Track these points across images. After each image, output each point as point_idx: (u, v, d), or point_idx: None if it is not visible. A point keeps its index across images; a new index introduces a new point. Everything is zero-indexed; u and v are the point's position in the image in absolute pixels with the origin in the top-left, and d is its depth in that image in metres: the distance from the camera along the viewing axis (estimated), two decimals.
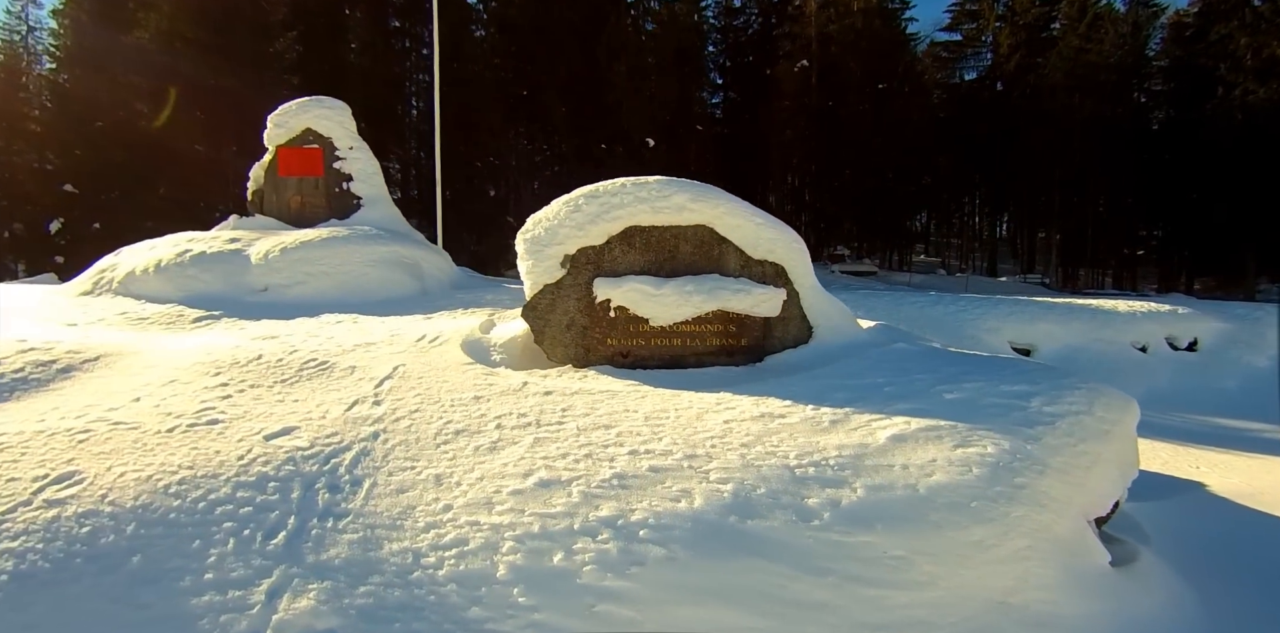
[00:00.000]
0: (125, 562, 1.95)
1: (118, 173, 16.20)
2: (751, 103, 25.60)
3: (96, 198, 16.10)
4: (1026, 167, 21.77)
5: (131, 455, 2.42)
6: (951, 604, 2.13)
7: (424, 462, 2.39)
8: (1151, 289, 21.00)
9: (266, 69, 16.80)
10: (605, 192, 3.31)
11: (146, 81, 16.21)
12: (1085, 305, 9.52)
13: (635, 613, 1.91)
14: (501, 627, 1.85)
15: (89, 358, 3.41)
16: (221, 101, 16.19)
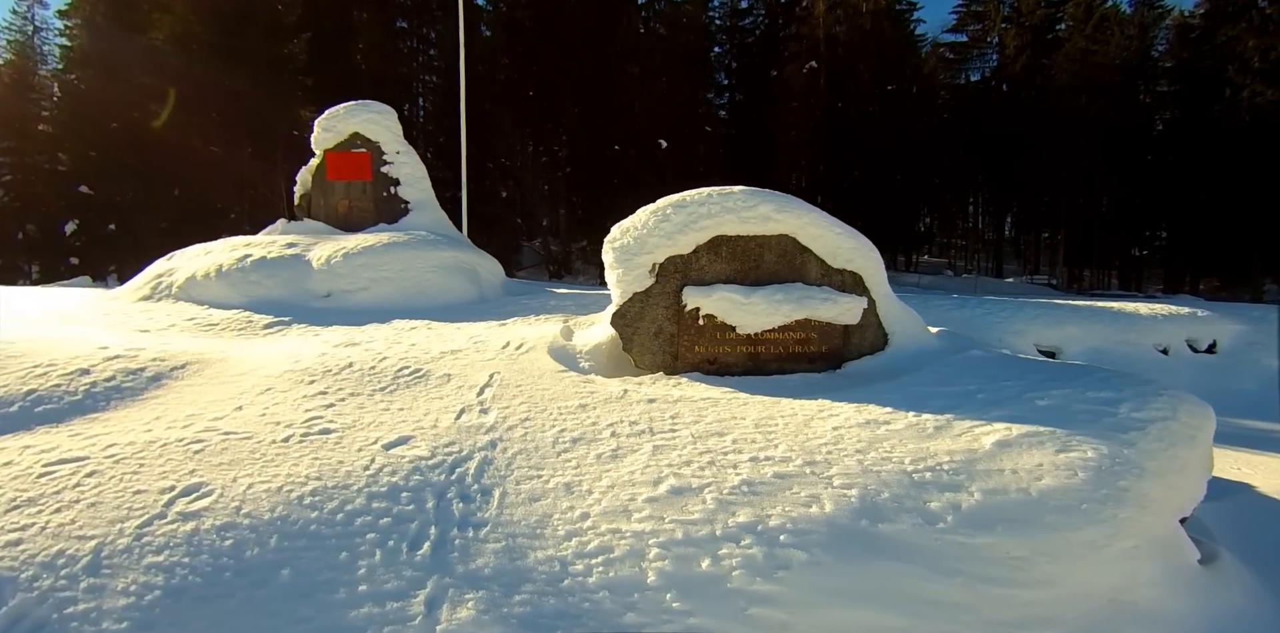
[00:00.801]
0: (275, 575, 1.96)
1: (132, 174, 16.14)
2: (758, 104, 25.68)
3: (111, 199, 16.04)
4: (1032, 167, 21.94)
5: (254, 466, 2.45)
6: (1070, 602, 2.22)
7: (549, 470, 2.44)
8: (1156, 290, 21.21)
9: (281, 71, 16.76)
10: (692, 201, 3.37)
11: (160, 83, 16.15)
12: (1107, 308, 9.64)
13: (787, 616, 1.97)
14: (659, 631, 1.91)
15: (176, 365, 3.44)
16: (236, 103, 16.17)
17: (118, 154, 15.99)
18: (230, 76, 15.91)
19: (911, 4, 24.33)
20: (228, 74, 15.91)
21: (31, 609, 1.83)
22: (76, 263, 16.09)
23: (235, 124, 16.12)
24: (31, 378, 3.18)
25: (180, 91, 16.00)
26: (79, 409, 2.96)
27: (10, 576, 1.92)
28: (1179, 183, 18.66)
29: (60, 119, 16.75)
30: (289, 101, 17.04)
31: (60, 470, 2.41)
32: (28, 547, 2.03)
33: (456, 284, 5.09)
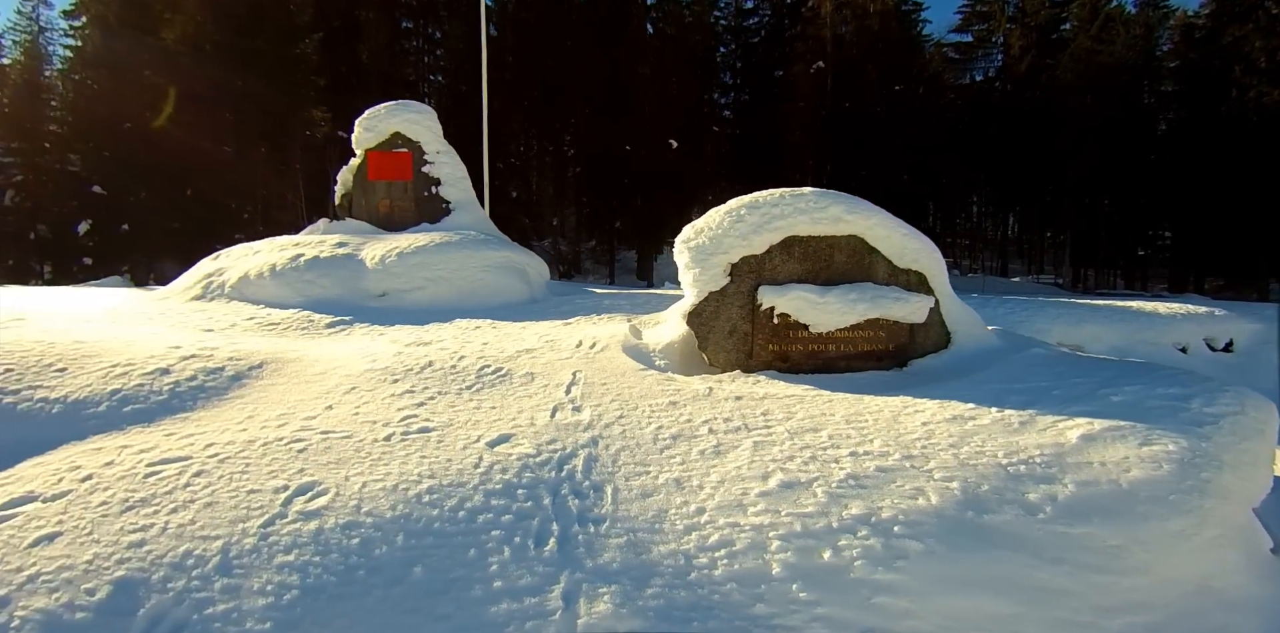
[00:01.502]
0: (408, 573, 1.98)
1: (144, 174, 16.09)
2: (764, 103, 25.77)
3: (124, 199, 15.98)
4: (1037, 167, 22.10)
5: (362, 465, 2.47)
6: (1163, 588, 2.30)
7: (655, 467, 2.49)
8: (1160, 289, 21.40)
9: (294, 71, 16.72)
10: (765, 202, 3.43)
11: (173, 83, 16.10)
12: (1126, 308, 9.75)
13: (909, 604, 2.04)
14: (788, 621, 1.96)
15: (253, 364, 3.46)
16: (249, 103, 16.13)
17: (130, 154, 15.94)
18: (243, 76, 15.88)
19: (917, 4, 24.45)
20: (240, 74, 15.89)
21: (169, 610, 1.84)
22: (90, 263, 16.03)
23: (248, 124, 16.09)
24: (113, 378, 3.20)
25: (193, 91, 15.95)
26: (167, 409, 2.97)
27: (141, 577, 1.93)
28: (1184, 183, 18.84)
29: (73, 119, 16.67)
30: (301, 102, 17.01)
31: (166, 471, 2.42)
32: (153, 548, 2.04)
33: (509, 284, 5.11)
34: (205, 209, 16.07)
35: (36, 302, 4.93)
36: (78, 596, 1.86)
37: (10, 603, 1.83)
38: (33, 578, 1.91)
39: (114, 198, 15.89)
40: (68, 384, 3.12)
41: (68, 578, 1.92)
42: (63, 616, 1.79)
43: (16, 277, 16.25)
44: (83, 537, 2.08)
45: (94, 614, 1.80)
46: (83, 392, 3.05)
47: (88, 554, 2.01)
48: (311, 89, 17.53)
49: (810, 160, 24.48)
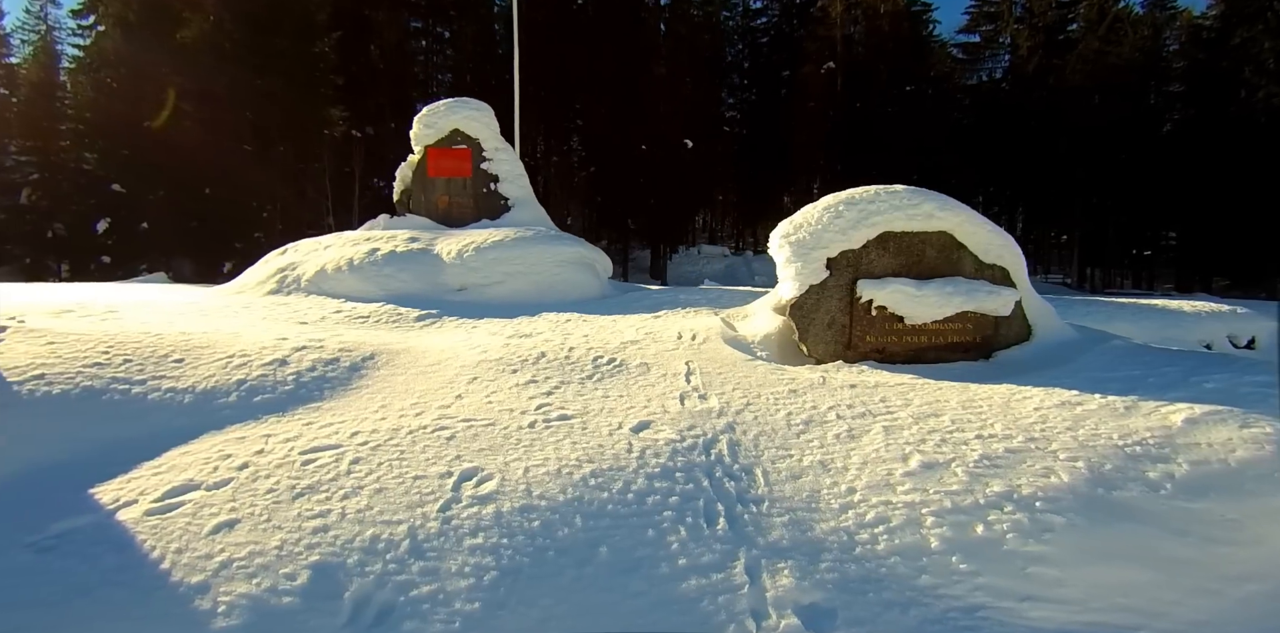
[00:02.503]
0: (594, 553, 2.04)
1: (163, 173, 16.07)
2: (772, 104, 25.91)
3: (143, 198, 15.96)
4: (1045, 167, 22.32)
5: (516, 451, 2.51)
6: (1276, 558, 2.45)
7: (796, 450, 2.59)
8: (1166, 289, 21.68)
9: (312, 69, 16.72)
10: (862, 199, 3.54)
11: (192, 82, 16.08)
12: (1150, 306, 9.95)
13: (1060, 573, 2.16)
14: (953, 591, 2.07)
15: (364, 356, 3.51)
16: (269, 102, 16.12)
17: (149, 153, 15.91)
18: (262, 75, 15.88)
19: (926, 5, 24.65)
20: (260, 73, 15.89)
21: (373, 593, 1.87)
22: (108, 261, 15.99)
23: (267, 123, 16.08)
24: (233, 369, 3.22)
25: (212, 90, 15.94)
26: (297, 399, 3.00)
27: (336, 562, 1.96)
28: (1191, 183, 19.10)
29: (91, 117, 16.62)
30: (320, 100, 17.02)
31: (321, 458, 2.45)
32: (338, 532, 2.07)
33: (583, 279, 5.17)
34: (224, 207, 16.06)
35: (108, 297, 4.97)
36: (279, 581, 1.89)
37: (210, 589, 1.86)
38: (225, 564, 1.94)
39: (133, 196, 15.86)
40: (190, 375, 3.14)
41: (262, 564, 1.95)
42: (269, 600, 1.82)
43: (33, 275, 16.21)
44: (262, 523, 2.12)
45: (300, 599, 1.83)
46: (208, 382, 3.08)
47: (275, 540, 2.04)
48: (329, 88, 17.54)
49: (820, 160, 24.67)
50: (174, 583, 1.89)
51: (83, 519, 2.19)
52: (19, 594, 1.86)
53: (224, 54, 15.80)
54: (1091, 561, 2.20)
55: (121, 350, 3.34)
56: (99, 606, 1.81)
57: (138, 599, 1.83)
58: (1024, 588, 2.12)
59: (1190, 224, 20.36)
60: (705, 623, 1.90)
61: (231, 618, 1.77)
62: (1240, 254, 18.37)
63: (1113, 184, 20.84)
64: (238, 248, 17.61)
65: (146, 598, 1.84)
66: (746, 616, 1.93)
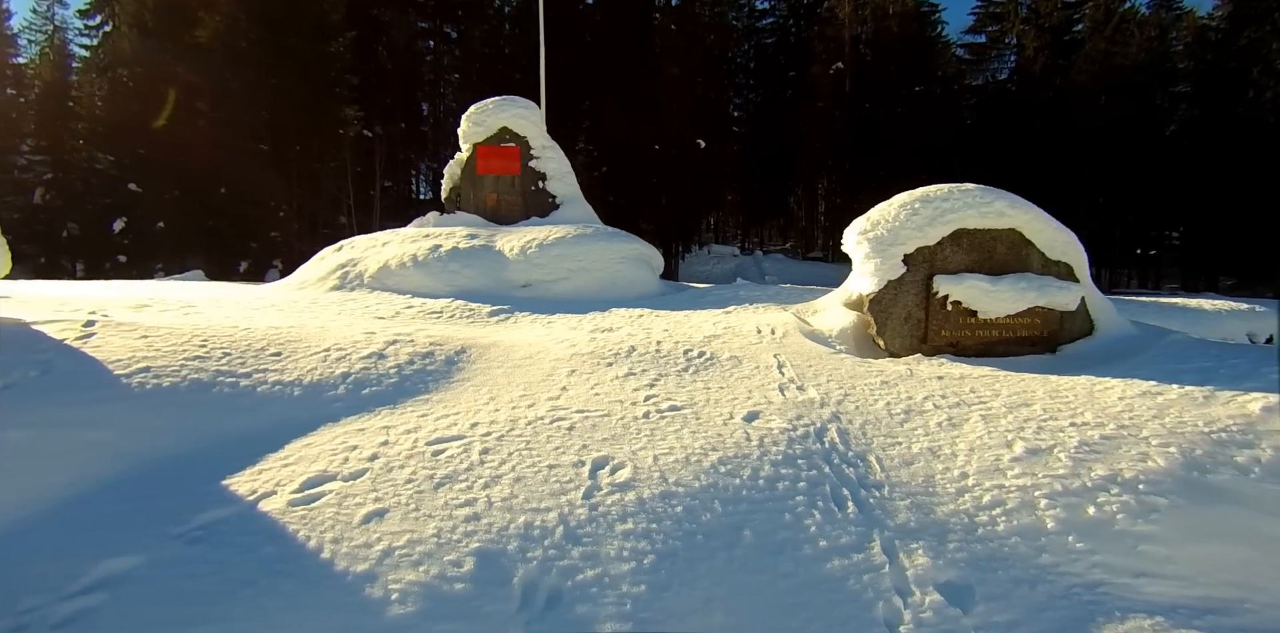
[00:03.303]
0: (739, 537, 2.10)
1: (179, 172, 16.08)
2: (777, 104, 26.06)
3: (160, 197, 15.96)
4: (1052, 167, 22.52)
5: (639, 440, 2.57)
6: None
7: (903, 438, 2.67)
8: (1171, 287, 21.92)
9: (328, 69, 16.77)
10: (936, 197, 3.64)
11: (208, 81, 16.11)
12: (1171, 304, 10.14)
13: (1168, 551, 2.26)
14: (1072, 569, 2.17)
15: (455, 350, 3.51)
16: (285, 101, 16.15)
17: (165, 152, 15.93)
18: (278, 74, 15.93)
19: (934, 6, 24.84)
20: (276, 72, 15.93)
21: (539, 578, 1.91)
22: (124, 260, 15.98)
23: (284, 122, 16.11)
24: (334, 362, 3.25)
25: (228, 90, 15.97)
26: (403, 391, 3.03)
27: (496, 548, 2.00)
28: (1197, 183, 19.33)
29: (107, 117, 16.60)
30: (337, 100, 17.07)
31: (449, 448, 2.49)
32: (491, 520, 2.11)
33: (642, 275, 5.23)
34: (239, 206, 16.09)
35: (172, 293, 5.00)
36: (445, 568, 1.91)
37: (378, 577, 1.88)
38: (387, 553, 1.96)
39: (149, 195, 15.86)
40: (293, 368, 3.16)
41: (425, 551, 1.97)
42: (441, 587, 1.84)
43: (48, 274, 16.18)
44: (412, 512, 2.14)
45: (471, 585, 1.86)
46: (313, 375, 3.11)
47: (430, 529, 2.06)
48: (345, 87, 17.59)
49: (829, 160, 24.84)
50: (339, 572, 1.91)
51: (225, 510, 2.22)
52: (183, 585, 1.88)
53: (240, 54, 15.83)
54: (1195, 539, 2.31)
55: (217, 344, 3.36)
56: (268, 596, 1.83)
57: (306, 589, 1.86)
58: (1137, 565, 2.23)
59: (1196, 223, 20.59)
60: (856, 600, 1.99)
61: (406, 605, 1.79)
62: (1246, 253, 18.60)
63: (1119, 184, 21.06)
64: (253, 247, 17.63)
65: (315, 587, 1.86)
66: (892, 593, 2.02)
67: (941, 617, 1.97)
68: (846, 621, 1.93)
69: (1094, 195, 22.03)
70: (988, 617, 1.99)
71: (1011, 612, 2.01)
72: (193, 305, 4.34)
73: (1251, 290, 18.41)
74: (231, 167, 15.88)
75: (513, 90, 23.75)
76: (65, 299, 4.55)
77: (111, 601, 1.83)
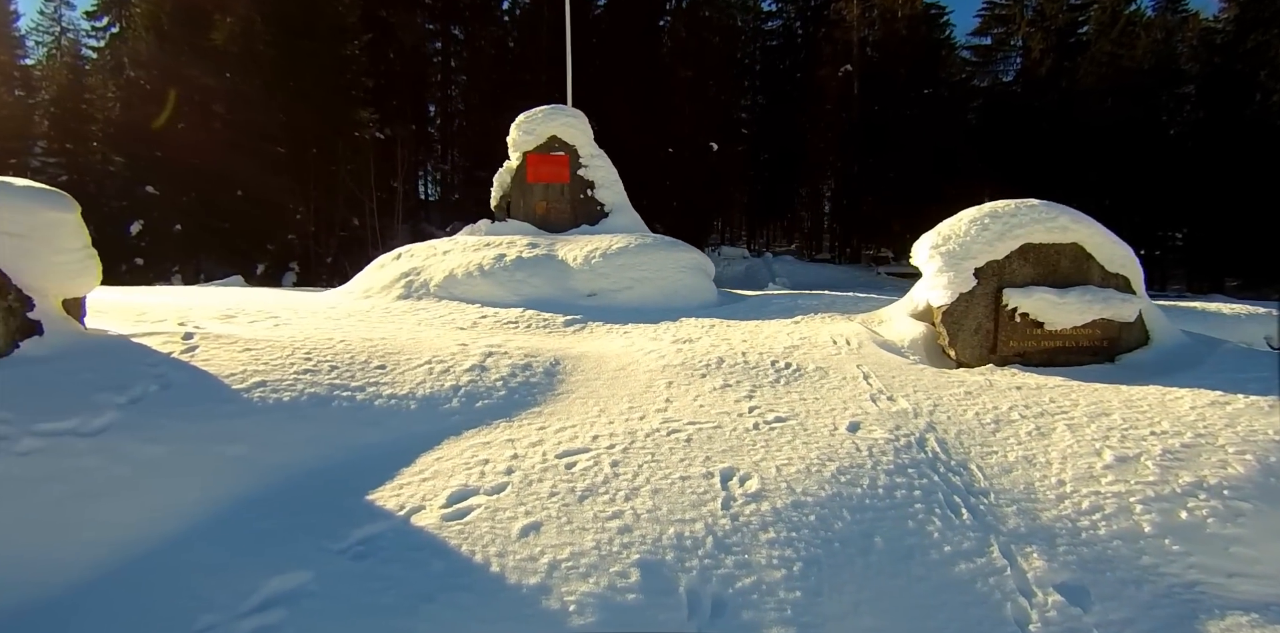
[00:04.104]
0: (871, 543, 2.24)
1: (194, 174, 16.12)
2: (785, 106, 26.19)
3: (176, 200, 16.00)
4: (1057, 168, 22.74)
5: (756, 452, 2.68)
6: None
7: (997, 447, 2.82)
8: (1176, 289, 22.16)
9: (344, 71, 16.83)
10: (1004, 212, 3.80)
11: (224, 83, 16.15)
12: (1190, 308, 10.33)
13: (1256, 552, 2.43)
14: (1170, 570, 2.34)
15: (550, 361, 3.60)
16: (301, 104, 16.21)
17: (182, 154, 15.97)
18: (295, 77, 15.98)
19: (942, 9, 25.01)
20: (292, 75, 15.98)
21: (701, 586, 2.01)
22: (141, 263, 16.02)
23: (302, 124, 16.17)
24: (439, 375, 3.32)
25: (244, 92, 16.02)
26: (515, 404, 3.12)
27: (654, 559, 2.08)
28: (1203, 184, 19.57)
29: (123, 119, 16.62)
30: (353, 103, 17.14)
31: (578, 461, 2.59)
32: (643, 532, 2.19)
33: (701, 284, 5.35)
34: (256, 209, 16.15)
35: (246, 301, 5.03)
36: (613, 579, 1.99)
37: (551, 589, 1.95)
38: (554, 565, 2.04)
39: (165, 198, 15.90)
40: (401, 381, 3.23)
41: (590, 563, 2.06)
42: (614, 598, 1.93)
43: None
44: (565, 525, 2.23)
45: (642, 595, 1.95)
46: (423, 389, 3.17)
47: (588, 541, 2.14)
48: (360, 90, 17.66)
49: (837, 162, 25.02)
50: (513, 585, 1.98)
51: (379, 526, 2.28)
52: (360, 601, 1.93)
53: (256, 57, 15.87)
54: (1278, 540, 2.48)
55: (320, 357, 3.41)
56: (449, 610, 1.88)
57: (484, 602, 1.92)
58: (1229, 566, 2.41)
59: (1202, 225, 20.83)
60: (985, 602, 2.14)
61: (585, 616, 1.87)
62: (1251, 255, 18.85)
63: (1125, 186, 21.28)
64: (269, 249, 17.69)
65: (493, 601, 1.92)
66: (1017, 594, 2.18)
67: (1065, 616, 2.13)
68: (981, 621, 2.09)
69: (1100, 196, 22.23)
70: (1105, 615, 2.15)
71: (1125, 610, 2.18)
72: (275, 316, 4.42)
73: (1257, 292, 18.66)
74: (247, 169, 15.94)
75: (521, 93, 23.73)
76: (140, 309, 4.60)
77: (291, 617, 1.88)
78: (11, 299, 3.62)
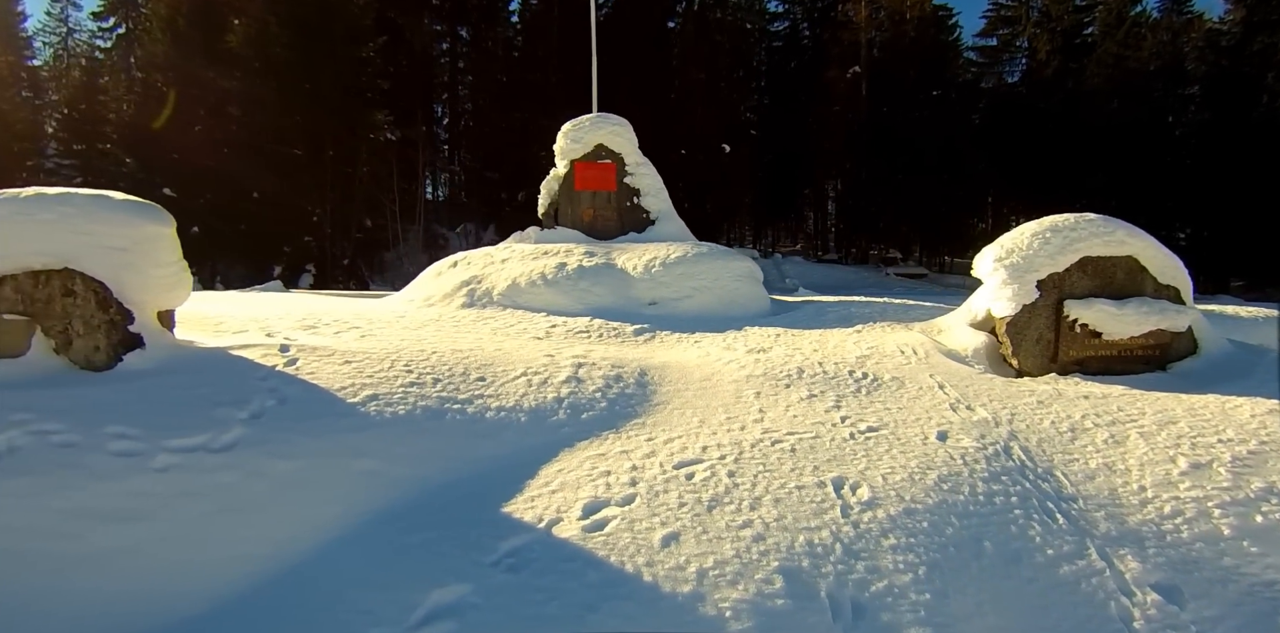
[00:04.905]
0: (981, 547, 2.40)
1: (211, 177, 16.18)
2: (791, 107, 26.32)
3: (194, 202, 16.04)
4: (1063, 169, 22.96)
5: (860, 461, 2.83)
6: None
7: (1077, 454, 2.99)
8: None
9: (360, 73, 16.90)
10: (1064, 226, 3.98)
11: (240, 85, 16.19)
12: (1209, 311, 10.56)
13: None
14: (1250, 570, 2.52)
15: (638, 371, 3.73)
16: (318, 106, 16.27)
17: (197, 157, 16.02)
18: (313, 80, 16.04)
19: (950, 10, 25.17)
20: (309, 76, 16.04)
21: (838, 591, 2.15)
22: None
23: (320, 127, 16.23)
24: (538, 387, 3.44)
25: (260, 94, 16.07)
26: (617, 415, 3.24)
27: (792, 566, 2.22)
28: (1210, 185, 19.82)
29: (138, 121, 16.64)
30: (368, 105, 17.21)
31: (695, 471, 2.71)
32: (776, 540, 2.33)
33: (756, 292, 5.50)
34: (272, 211, 16.23)
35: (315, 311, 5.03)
36: (760, 586, 2.12)
37: (705, 597, 2.08)
38: (701, 573, 2.16)
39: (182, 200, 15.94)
40: (504, 393, 3.34)
41: (735, 571, 2.18)
42: (764, 603, 2.06)
43: None
44: (702, 535, 2.35)
45: (789, 600, 2.08)
46: (527, 401, 3.28)
47: (728, 550, 2.27)
48: (376, 92, 17.73)
49: (846, 163, 25.19)
50: (669, 593, 2.09)
51: (522, 538, 2.38)
52: (525, 612, 2.02)
53: (272, 58, 15.92)
54: None
55: (420, 369, 3.48)
56: (613, 619, 1.99)
57: (645, 611, 2.03)
58: None
59: (1207, 225, 21.10)
60: (1091, 601, 2.32)
61: (742, 621, 2.00)
62: (1256, 255, 19.13)
63: (1132, 187, 21.52)
64: (286, 252, 17.76)
65: (653, 609, 2.04)
66: (1118, 593, 2.36)
67: (1164, 613, 2.31)
68: (1089, 619, 2.26)
69: (1106, 198, 22.47)
70: (1199, 612, 2.33)
71: (1215, 608, 2.36)
72: (356, 326, 4.51)
73: (1261, 292, 18.94)
74: (263, 171, 16.00)
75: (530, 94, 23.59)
76: (215, 318, 4.69)
77: (461, 629, 1.96)
78: (113, 312, 3.73)
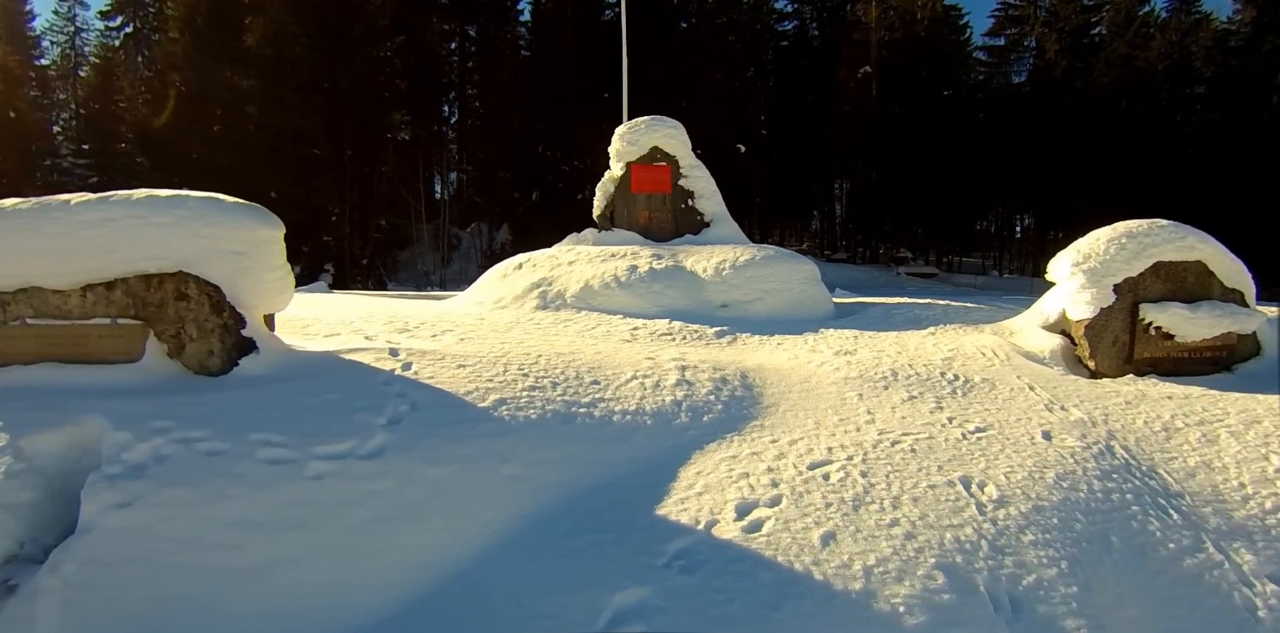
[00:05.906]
0: (1109, 542, 2.56)
1: (229, 177, 16.16)
2: (799, 106, 26.45)
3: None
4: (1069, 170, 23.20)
5: (979, 460, 2.97)
6: None
7: (1174, 452, 3.14)
8: None
9: (379, 73, 16.92)
10: (1138, 233, 4.17)
11: (258, 85, 16.19)
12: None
13: None
14: None
15: (739, 374, 3.84)
16: (337, 106, 16.29)
17: (215, 156, 16.02)
18: (333, 78, 16.05)
19: (960, 11, 25.34)
20: (330, 76, 16.05)
21: (993, 585, 2.28)
22: None
23: (339, 125, 16.25)
24: (652, 390, 3.53)
25: (278, 95, 16.07)
26: (735, 418, 3.35)
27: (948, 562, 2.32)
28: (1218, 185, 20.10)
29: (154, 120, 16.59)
30: (387, 105, 17.25)
31: (829, 472, 2.84)
32: (926, 537, 2.45)
33: (821, 295, 5.66)
34: (291, 210, 16.24)
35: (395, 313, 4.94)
36: (924, 582, 2.24)
37: (876, 593, 2.20)
38: (867, 571, 2.29)
39: None
40: (622, 396, 3.43)
41: (897, 568, 2.30)
42: (932, 599, 2.19)
43: None
44: (855, 533, 2.46)
45: (954, 595, 2.21)
46: (647, 404, 3.37)
47: (884, 548, 2.39)
48: (394, 92, 17.75)
49: (857, 163, 25.37)
50: (842, 591, 2.20)
51: (685, 540, 2.45)
52: (711, 612, 2.09)
53: (291, 58, 15.92)
54: None
55: (534, 373, 3.55)
56: (796, 617, 2.10)
57: (825, 608, 2.14)
58: None
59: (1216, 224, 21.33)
60: (1216, 592, 2.48)
61: (915, 616, 2.13)
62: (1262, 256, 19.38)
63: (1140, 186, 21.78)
64: (304, 251, 17.78)
65: (831, 606, 2.15)
66: (1239, 584, 2.52)
67: None
68: (1217, 608, 2.42)
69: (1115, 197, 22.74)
70: None
71: None
72: (449, 329, 4.53)
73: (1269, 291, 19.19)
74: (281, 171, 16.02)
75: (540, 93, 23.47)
76: (300, 321, 4.74)
77: (652, 631, 2.01)
78: (226, 316, 3.77)
